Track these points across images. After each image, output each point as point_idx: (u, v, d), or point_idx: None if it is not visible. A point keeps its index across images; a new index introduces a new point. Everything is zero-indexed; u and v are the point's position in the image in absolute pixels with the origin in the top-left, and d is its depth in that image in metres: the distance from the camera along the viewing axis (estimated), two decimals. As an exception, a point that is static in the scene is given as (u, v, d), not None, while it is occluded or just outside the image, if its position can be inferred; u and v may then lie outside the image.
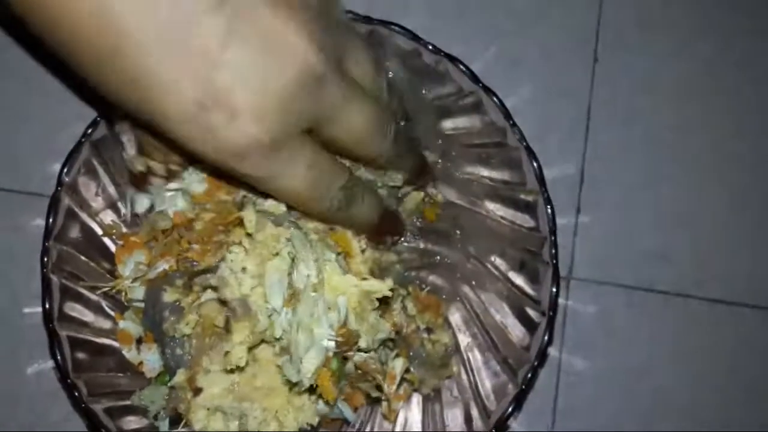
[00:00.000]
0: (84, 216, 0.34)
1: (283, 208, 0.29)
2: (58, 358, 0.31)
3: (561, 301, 0.39)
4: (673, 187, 0.41)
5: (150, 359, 0.34)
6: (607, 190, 0.41)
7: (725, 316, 0.40)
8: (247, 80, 0.22)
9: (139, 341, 0.34)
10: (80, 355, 0.32)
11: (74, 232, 0.33)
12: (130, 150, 0.32)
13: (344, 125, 0.26)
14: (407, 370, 0.34)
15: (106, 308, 0.34)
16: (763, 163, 0.41)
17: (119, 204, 0.35)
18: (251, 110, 0.22)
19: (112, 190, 0.35)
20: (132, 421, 0.32)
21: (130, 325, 0.33)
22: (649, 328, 0.40)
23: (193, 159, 0.31)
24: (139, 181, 0.33)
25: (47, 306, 0.31)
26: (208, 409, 0.31)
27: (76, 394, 0.31)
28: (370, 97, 0.27)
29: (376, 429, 0.36)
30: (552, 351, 0.39)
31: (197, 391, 0.30)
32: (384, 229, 0.33)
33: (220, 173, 0.30)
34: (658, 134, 0.41)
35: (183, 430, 0.33)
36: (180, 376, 0.30)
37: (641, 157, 0.41)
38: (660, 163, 0.41)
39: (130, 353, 0.34)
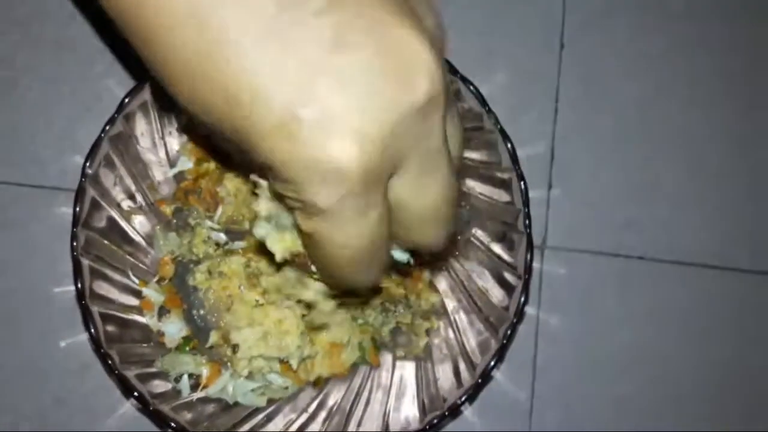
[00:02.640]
0: (105, 204, 0.37)
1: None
2: (92, 330, 0.34)
3: (537, 266, 0.43)
4: (636, 161, 0.45)
5: (170, 330, 0.38)
6: (575, 165, 0.45)
7: (684, 275, 0.44)
8: (356, 93, 0.19)
9: (161, 312, 0.38)
10: (110, 328, 0.36)
11: (98, 219, 0.37)
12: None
13: (425, 188, 0.21)
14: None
15: (131, 284, 0.37)
16: (714, 135, 0.45)
17: (135, 194, 0.39)
18: (353, 127, 0.19)
19: (128, 181, 0.38)
20: (159, 385, 0.36)
21: (152, 293, 0.37)
22: (616, 290, 0.44)
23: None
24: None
25: (79, 285, 0.35)
26: (249, 360, 0.35)
27: (110, 362, 0.34)
28: (454, 172, 0.23)
29: (374, 385, 0.40)
30: (530, 311, 0.43)
31: (235, 348, 0.34)
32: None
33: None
34: (621, 112, 0.45)
35: (201, 394, 0.37)
36: (214, 337, 0.35)
37: (606, 134, 0.45)
38: (623, 139, 0.45)
39: (151, 320, 0.37)
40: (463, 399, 0.37)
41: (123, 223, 0.38)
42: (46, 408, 0.41)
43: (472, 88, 0.37)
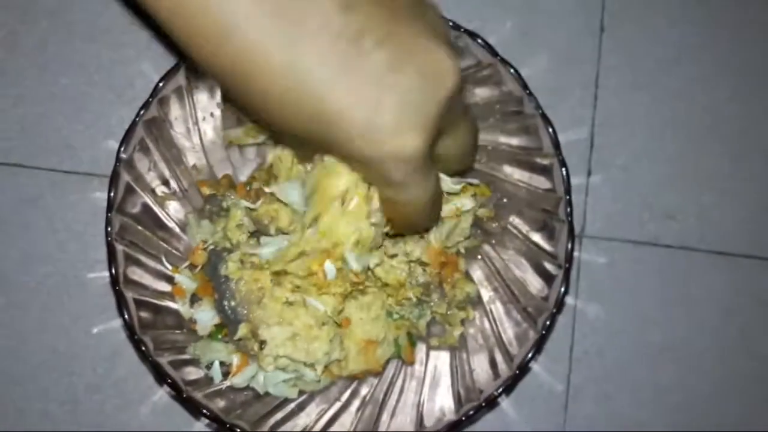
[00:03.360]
0: (140, 189, 0.37)
1: None
2: (126, 316, 0.34)
3: (575, 255, 0.42)
4: (677, 148, 0.44)
5: (202, 318, 0.37)
6: (615, 152, 0.43)
7: (725, 266, 0.43)
8: (409, 100, 0.26)
9: (193, 299, 0.37)
10: (143, 314, 0.35)
11: (132, 205, 0.36)
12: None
13: (458, 136, 0.31)
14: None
15: (165, 270, 0.37)
16: (758, 124, 0.44)
17: (170, 179, 0.38)
18: (413, 125, 0.26)
19: (162, 166, 0.38)
20: (191, 372, 0.36)
21: (185, 279, 0.37)
22: (655, 280, 0.43)
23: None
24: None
25: (113, 271, 0.34)
26: (275, 358, 0.34)
27: (143, 348, 0.34)
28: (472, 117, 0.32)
29: (408, 375, 0.39)
30: (568, 301, 0.42)
31: (262, 344, 0.34)
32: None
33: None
34: (662, 99, 0.44)
35: (230, 382, 0.37)
36: (243, 330, 0.34)
37: (647, 121, 0.44)
38: (664, 126, 0.44)
39: (183, 307, 0.37)
40: (500, 390, 0.36)
41: (157, 209, 0.38)
42: (79, 394, 0.41)
43: (512, 71, 0.36)
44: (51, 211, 0.42)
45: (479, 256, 0.40)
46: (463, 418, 0.36)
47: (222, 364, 0.37)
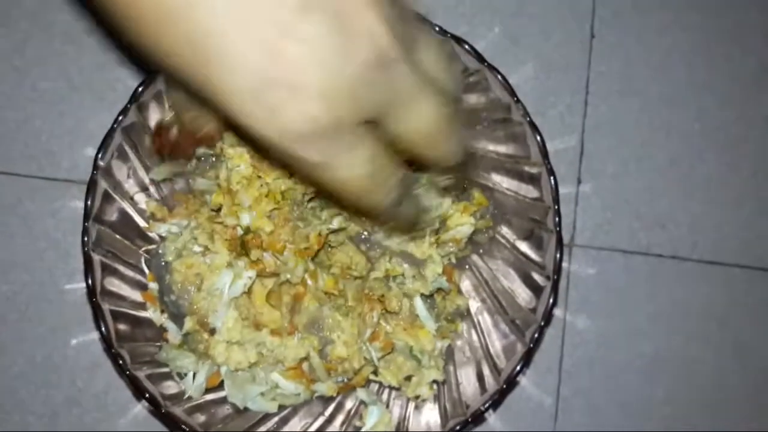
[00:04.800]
0: (118, 197, 0.36)
1: None
2: (103, 329, 0.33)
3: (564, 266, 0.41)
4: (668, 156, 0.43)
5: (172, 326, 0.36)
6: (605, 160, 0.43)
7: (716, 276, 0.42)
8: (318, 56, 0.20)
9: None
10: (121, 327, 0.34)
11: (110, 213, 0.35)
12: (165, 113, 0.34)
13: (412, 118, 0.24)
14: None
15: (144, 280, 0.36)
16: (751, 131, 0.43)
17: (150, 187, 0.37)
18: (319, 88, 0.20)
19: (142, 173, 0.37)
20: (170, 386, 0.35)
21: (156, 286, 0.36)
22: (646, 290, 0.42)
23: (229, 126, 0.31)
24: (162, 149, 0.34)
25: (90, 282, 0.33)
26: (227, 342, 0.33)
27: (121, 362, 0.33)
28: (441, 93, 0.24)
29: (393, 389, 0.38)
30: (557, 312, 0.41)
31: (212, 332, 0.33)
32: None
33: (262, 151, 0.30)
34: (653, 106, 0.43)
35: (212, 396, 0.36)
36: (189, 323, 0.33)
37: (637, 129, 0.43)
38: (655, 133, 0.43)
39: (155, 314, 0.36)
40: (487, 405, 0.35)
41: (136, 217, 0.37)
42: (57, 407, 0.40)
43: (499, 77, 0.35)
44: (31, 218, 0.41)
45: (467, 266, 0.39)
46: (449, 433, 0.35)
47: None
